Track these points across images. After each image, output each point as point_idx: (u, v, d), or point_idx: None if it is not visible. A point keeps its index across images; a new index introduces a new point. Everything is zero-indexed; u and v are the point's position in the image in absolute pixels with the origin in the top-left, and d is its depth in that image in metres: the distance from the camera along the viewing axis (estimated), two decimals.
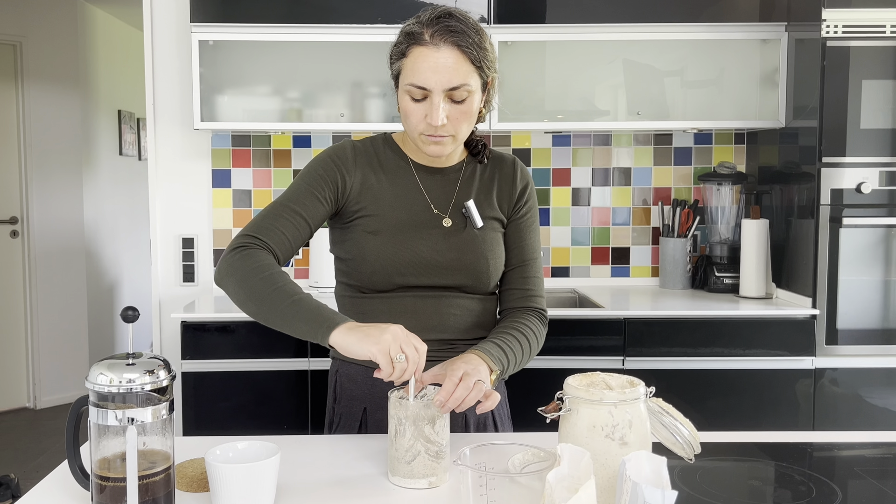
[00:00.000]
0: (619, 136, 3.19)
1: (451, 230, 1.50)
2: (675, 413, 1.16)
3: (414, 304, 1.48)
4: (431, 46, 1.37)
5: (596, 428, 1.10)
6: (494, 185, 1.56)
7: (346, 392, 1.54)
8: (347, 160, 1.49)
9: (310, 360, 2.56)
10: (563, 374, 1.24)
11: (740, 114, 2.91)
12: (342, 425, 1.53)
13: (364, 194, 1.49)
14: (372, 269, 1.46)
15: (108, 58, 5.47)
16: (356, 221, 1.49)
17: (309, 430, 2.57)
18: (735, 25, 2.82)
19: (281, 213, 1.43)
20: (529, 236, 1.57)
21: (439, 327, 1.49)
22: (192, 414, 2.57)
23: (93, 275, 5.25)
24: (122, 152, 5.67)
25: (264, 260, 1.35)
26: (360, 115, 2.87)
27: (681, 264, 3.05)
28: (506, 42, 2.82)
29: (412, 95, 1.40)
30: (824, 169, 2.60)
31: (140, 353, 1.06)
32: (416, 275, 1.47)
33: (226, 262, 1.37)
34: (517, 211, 1.57)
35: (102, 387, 1.01)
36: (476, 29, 1.40)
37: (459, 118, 1.41)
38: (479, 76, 1.41)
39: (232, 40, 2.78)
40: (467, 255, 1.49)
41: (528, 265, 1.57)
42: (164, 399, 1.04)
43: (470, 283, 1.50)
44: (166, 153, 3.09)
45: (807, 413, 2.61)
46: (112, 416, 1.01)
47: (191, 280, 3.11)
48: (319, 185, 1.46)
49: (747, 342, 2.59)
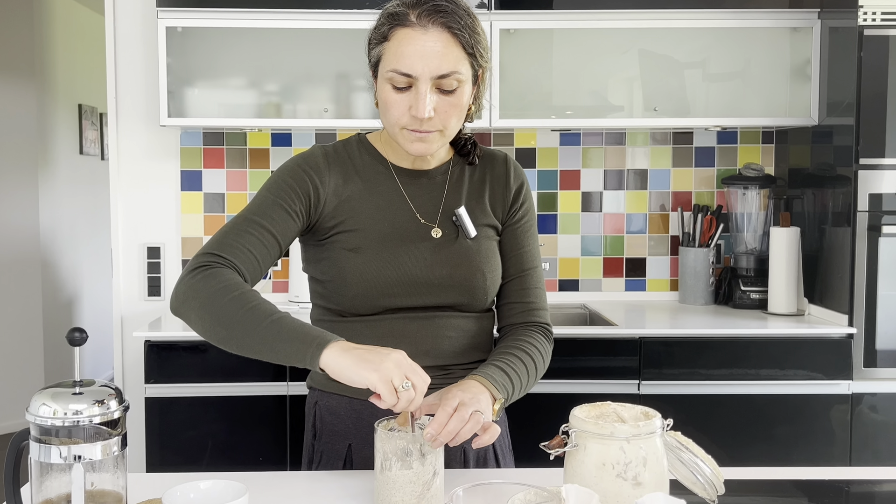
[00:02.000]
0: (635, 134, 3.18)
1: (442, 242, 1.47)
2: (694, 448, 1.15)
3: (402, 328, 1.45)
4: (418, 28, 1.34)
5: (606, 466, 1.08)
6: (486, 188, 1.53)
7: (328, 427, 1.50)
8: (319, 168, 1.46)
9: (289, 385, 2.54)
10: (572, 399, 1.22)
11: (768, 110, 2.90)
12: (324, 464, 1.50)
13: (341, 207, 1.45)
14: (354, 291, 1.42)
15: (68, 46, 5.47)
16: (333, 238, 1.45)
17: (288, 464, 2.55)
18: (763, 12, 2.81)
19: (246, 228, 1.37)
20: (528, 243, 1.55)
21: (432, 352, 1.46)
22: (157, 445, 2.54)
23: (49, 287, 5.22)
24: (82, 151, 5.66)
25: (231, 279, 1.30)
26: (346, 110, 2.86)
27: (702, 277, 3.04)
28: (508, 30, 2.82)
29: (394, 84, 1.36)
30: (861, 171, 2.59)
31: (90, 380, 1.04)
32: (405, 295, 1.44)
33: (184, 286, 1.30)
34: (513, 215, 1.55)
35: (45, 419, 0.99)
36: (467, 11, 1.38)
37: (448, 111, 1.38)
38: (471, 65, 1.39)
39: (203, 27, 2.77)
40: (461, 270, 1.46)
41: (527, 275, 1.54)
42: (116, 433, 1.02)
43: (465, 300, 1.47)
44: (130, 152, 3.08)
45: (843, 444, 2.59)
46: (56, 452, 0.99)
47: (157, 294, 3.09)
48: (289, 197, 1.41)
49: (777, 364, 2.57)
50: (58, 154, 5.34)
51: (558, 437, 1.14)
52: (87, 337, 1.02)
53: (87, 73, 5.67)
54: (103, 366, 5.42)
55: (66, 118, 5.47)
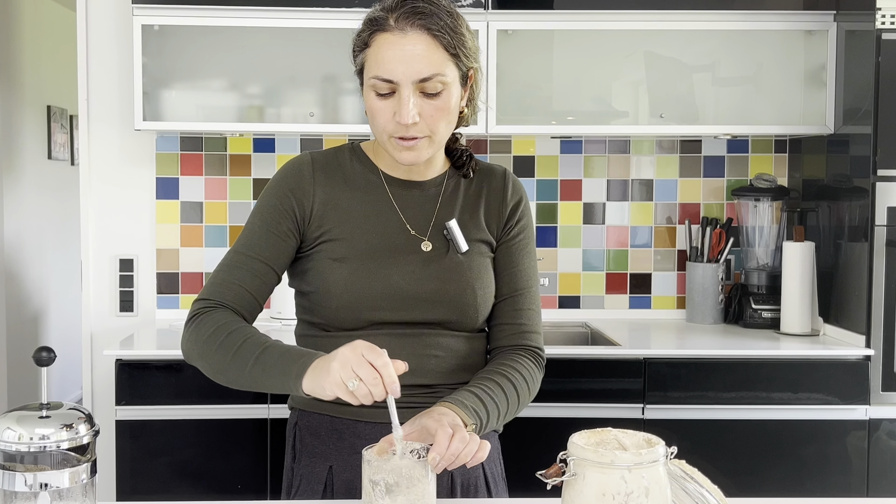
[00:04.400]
0: (640, 142, 3.20)
1: (432, 255, 1.49)
2: (700, 478, 1.16)
3: (388, 345, 1.45)
4: (397, 32, 1.39)
5: (606, 496, 1.09)
6: (482, 202, 1.56)
7: (308, 448, 1.52)
8: (304, 179, 1.50)
9: (269, 407, 2.54)
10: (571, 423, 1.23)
11: (781, 118, 2.92)
12: (303, 489, 1.51)
13: (327, 215, 1.49)
14: (338, 303, 1.45)
15: (36, 44, 5.48)
16: (319, 247, 1.48)
17: (268, 493, 2.55)
18: (775, 14, 2.84)
19: (236, 264, 1.47)
20: (523, 261, 1.57)
21: (418, 371, 1.47)
22: (128, 471, 2.54)
23: (13, 302, 5.21)
24: (51, 155, 5.66)
25: (219, 321, 1.40)
26: (333, 114, 2.87)
27: (711, 294, 3.05)
28: (506, 31, 2.84)
29: (377, 90, 1.41)
30: (880, 183, 2.61)
31: (58, 402, 1.05)
32: (391, 309, 1.46)
33: (184, 339, 1.44)
34: (508, 231, 1.57)
35: (10, 444, 0.99)
36: (449, 11, 1.42)
37: (435, 115, 1.41)
38: (456, 66, 1.43)
39: (181, 25, 2.78)
40: (451, 285, 1.48)
41: (521, 295, 1.56)
42: (85, 459, 1.02)
43: (454, 318, 1.49)
44: (102, 157, 3.08)
45: (860, 473, 2.60)
46: (21, 479, 0.99)
47: (129, 310, 3.09)
48: (276, 220, 1.48)
49: (789, 388, 2.59)
50: (24, 158, 5.33)
51: (556, 465, 1.15)
52: (55, 357, 1.02)
53: (56, 72, 5.68)
54: (71, 385, 5.40)
55: (34, 120, 5.46)
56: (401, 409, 1.30)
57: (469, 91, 1.49)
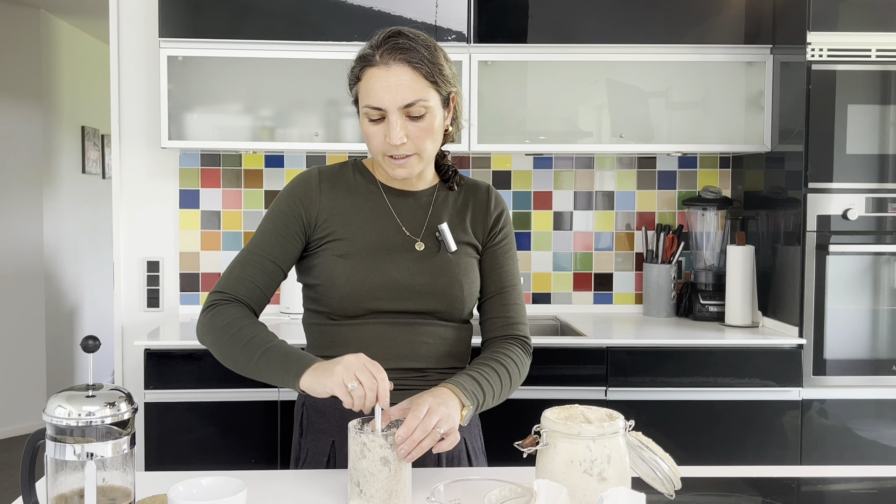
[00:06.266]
0: (603, 158, 3.22)
1: (424, 254, 1.52)
2: (654, 447, 1.17)
3: (385, 332, 1.49)
4: (382, 66, 1.42)
5: (574, 463, 1.11)
6: (468, 212, 1.58)
7: (314, 425, 1.54)
8: (311, 189, 1.52)
9: (279, 391, 2.55)
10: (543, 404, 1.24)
11: (726, 137, 2.94)
12: (309, 461, 1.53)
13: (332, 219, 1.51)
14: (342, 293, 1.47)
15: (73, 72, 5.46)
16: (325, 246, 1.50)
17: (278, 464, 2.55)
18: (720, 47, 2.86)
19: (248, 262, 1.50)
20: (507, 262, 1.59)
21: (411, 356, 1.50)
22: (155, 447, 2.54)
23: (52, 299, 5.19)
24: (85, 170, 5.64)
25: (233, 315, 1.43)
26: (335, 134, 2.88)
27: (665, 291, 3.08)
28: (486, 62, 2.85)
29: (369, 117, 1.45)
30: (811, 195, 2.64)
31: (101, 384, 1.06)
32: (388, 299, 1.48)
33: (200, 325, 1.47)
34: (493, 238, 1.59)
35: (60, 420, 1.00)
36: (426, 45, 1.45)
37: (420, 135, 1.44)
38: (437, 91, 1.45)
39: (202, 56, 2.79)
40: (441, 280, 1.50)
41: (507, 292, 1.58)
42: (126, 433, 1.04)
43: (443, 308, 1.51)
44: (132, 172, 3.08)
45: (794, 446, 2.63)
46: (70, 450, 1.00)
47: (155, 305, 3.09)
48: (284, 224, 1.51)
49: (733, 372, 2.61)
50: (61, 173, 5.32)
51: (531, 437, 1.17)
52: (100, 344, 1.04)
53: (89, 96, 5.66)
54: (103, 372, 5.38)
55: (70, 139, 5.45)
56: (394, 392, 1.32)
57: (452, 112, 1.52)
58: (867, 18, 2.62)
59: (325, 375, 1.28)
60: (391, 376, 1.46)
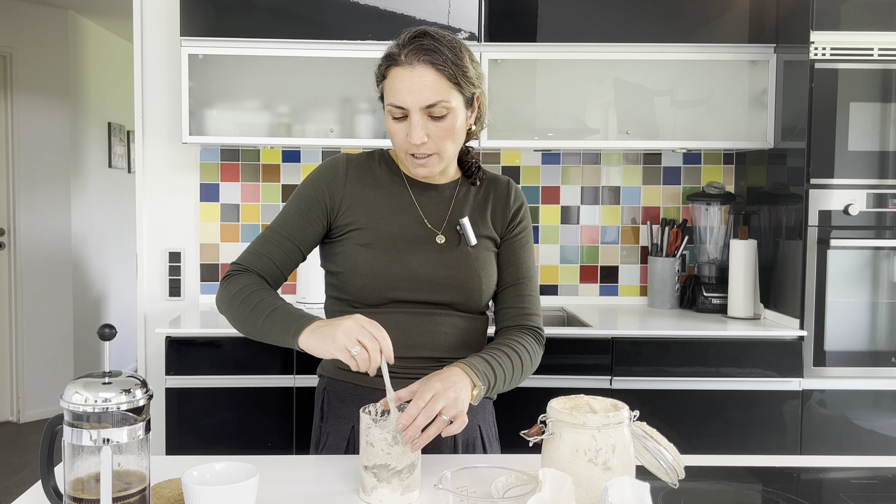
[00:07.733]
0: (609, 154, 3.19)
1: (445, 247, 1.50)
2: (658, 437, 1.16)
3: (404, 321, 1.47)
4: (406, 66, 1.40)
5: (579, 452, 1.09)
6: (489, 205, 1.56)
7: (334, 410, 1.52)
8: (337, 175, 1.51)
9: (295, 378, 2.54)
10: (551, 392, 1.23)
11: (729, 134, 2.92)
12: (329, 445, 1.51)
13: (356, 207, 1.49)
14: (363, 282, 1.46)
15: (99, 70, 5.47)
16: (348, 234, 1.49)
17: (294, 449, 2.55)
18: (724, 46, 2.83)
19: (269, 239, 1.49)
20: (524, 255, 1.57)
21: (429, 345, 1.48)
22: (176, 430, 2.54)
23: (79, 288, 5.21)
24: (111, 164, 5.65)
25: (246, 282, 1.42)
26: (350, 130, 2.87)
27: (669, 284, 3.05)
28: (496, 60, 2.83)
29: (393, 115, 1.43)
30: (812, 190, 2.61)
31: (118, 371, 1.05)
32: (408, 289, 1.46)
33: (218, 295, 1.47)
34: (511, 230, 1.57)
35: (77, 406, 0.99)
36: (451, 46, 1.42)
37: (441, 136, 1.42)
38: (460, 93, 1.43)
39: (221, 54, 2.78)
40: (460, 273, 1.48)
41: (523, 283, 1.55)
42: (141, 419, 1.02)
43: (461, 300, 1.49)
44: (154, 166, 3.08)
45: (794, 435, 2.60)
46: (87, 436, 0.99)
47: (177, 294, 3.09)
48: (308, 208, 1.49)
49: (735, 363, 2.58)
50: (88, 167, 5.33)
51: (537, 426, 1.15)
52: (116, 332, 1.02)
53: (115, 94, 5.67)
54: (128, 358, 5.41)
55: (97, 135, 5.46)
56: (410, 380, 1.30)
57: (476, 111, 1.49)
58: (869, 18, 2.58)
59: (326, 341, 1.25)
60: (409, 365, 1.45)
